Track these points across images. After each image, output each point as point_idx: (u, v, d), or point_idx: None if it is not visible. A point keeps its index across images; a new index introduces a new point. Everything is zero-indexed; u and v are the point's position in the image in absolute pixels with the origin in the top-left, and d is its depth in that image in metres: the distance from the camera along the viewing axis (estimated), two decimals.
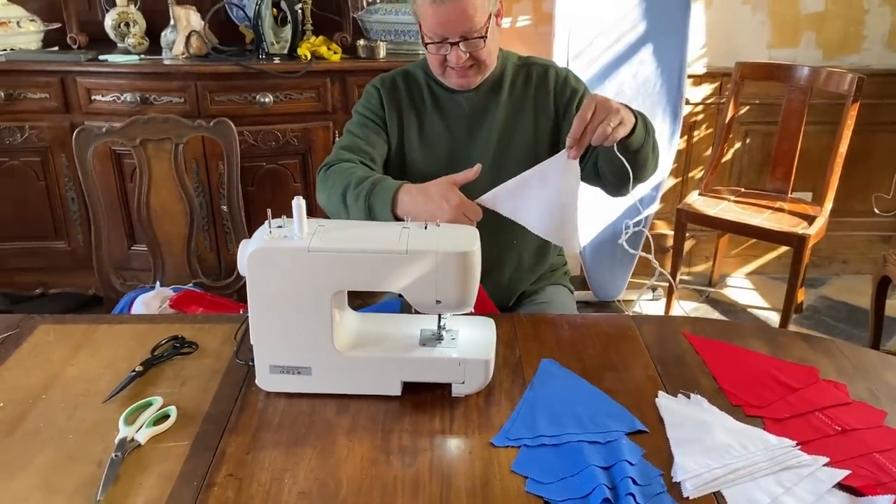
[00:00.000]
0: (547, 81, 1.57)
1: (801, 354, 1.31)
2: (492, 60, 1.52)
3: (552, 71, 1.58)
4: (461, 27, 1.42)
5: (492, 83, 1.56)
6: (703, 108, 3.07)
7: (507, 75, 1.58)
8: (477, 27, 1.43)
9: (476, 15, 1.42)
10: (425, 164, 1.57)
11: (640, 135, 1.38)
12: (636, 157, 1.41)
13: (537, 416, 1.13)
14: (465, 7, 1.40)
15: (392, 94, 1.58)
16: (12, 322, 1.40)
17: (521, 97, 1.57)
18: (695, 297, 3.14)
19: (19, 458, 1.05)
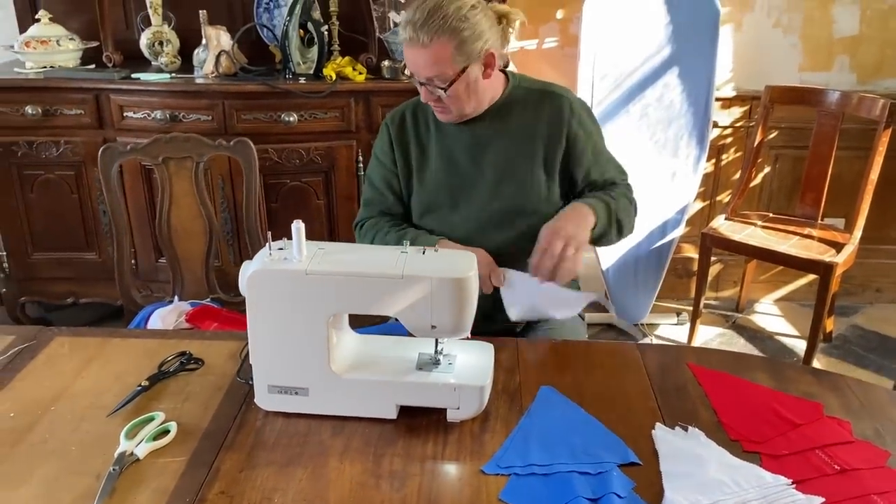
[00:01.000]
0: (562, 113, 1.55)
1: (807, 389, 1.28)
2: (464, 108, 1.51)
3: (567, 104, 1.57)
4: (426, 72, 1.46)
5: (496, 111, 1.57)
6: (731, 132, 3.03)
7: (515, 102, 1.58)
8: (442, 77, 1.45)
9: (437, 66, 1.44)
10: (429, 191, 1.59)
11: (600, 229, 1.48)
12: (597, 242, 1.53)
13: (530, 444, 1.13)
14: (428, 57, 1.43)
15: (400, 131, 1.62)
16: (30, 333, 1.45)
17: (531, 125, 1.56)
18: (720, 322, 3.09)
19: (23, 468, 1.08)
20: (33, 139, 2.57)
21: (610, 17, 2.72)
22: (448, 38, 1.41)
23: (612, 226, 1.52)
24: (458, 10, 1.41)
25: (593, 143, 1.59)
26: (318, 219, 2.59)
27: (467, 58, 1.45)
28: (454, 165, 1.58)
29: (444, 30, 1.41)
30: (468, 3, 1.44)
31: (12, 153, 2.59)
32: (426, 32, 1.41)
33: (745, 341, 2.94)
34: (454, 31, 1.41)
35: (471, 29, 1.43)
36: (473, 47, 1.45)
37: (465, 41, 1.43)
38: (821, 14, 2.87)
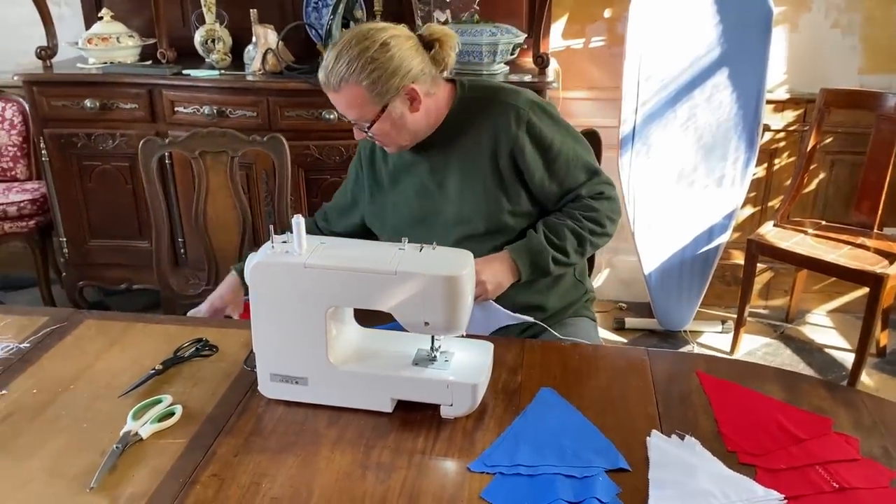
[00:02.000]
0: (507, 124, 1.48)
1: (818, 403, 1.24)
2: (395, 141, 1.49)
3: (512, 112, 1.49)
4: (347, 114, 1.47)
5: (443, 132, 1.53)
6: (784, 136, 2.93)
7: (464, 116, 1.52)
8: (362, 119, 1.45)
9: (356, 109, 1.43)
10: (400, 214, 1.59)
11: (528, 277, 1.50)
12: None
13: (520, 444, 1.13)
14: (342, 101, 1.44)
15: (370, 157, 1.64)
16: (63, 315, 1.53)
17: (475, 141, 1.51)
18: (768, 332, 3.00)
19: (35, 441, 1.15)
20: (92, 131, 2.70)
21: (657, 16, 2.67)
22: (356, 80, 1.39)
23: (547, 275, 1.53)
24: (363, 53, 1.38)
25: (546, 152, 1.50)
26: None
27: (384, 96, 1.41)
28: (423, 190, 1.57)
29: (352, 73, 1.39)
30: (377, 42, 1.39)
31: (72, 144, 2.73)
32: (335, 77, 1.40)
33: (791, 352, 2.84)
34: (361, 73, 1.38)
35: (381, 69, 1.39)
36: (388, 85, 1.40)
37: (377, 81, 1.39)
38: (882, 14, 2.75)
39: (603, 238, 1.56)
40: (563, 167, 1.52)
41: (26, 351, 1.40)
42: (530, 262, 1.49)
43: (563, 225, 1.51)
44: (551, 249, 1.50)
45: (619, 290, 3.23)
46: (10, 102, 3.18)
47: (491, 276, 1.46)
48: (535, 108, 1.52)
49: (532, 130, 1.49)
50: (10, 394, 1.27)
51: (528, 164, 1.49)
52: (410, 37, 1.45)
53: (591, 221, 1.53)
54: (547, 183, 1.52)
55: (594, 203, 1.53)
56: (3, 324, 1.50)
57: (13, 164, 3.23)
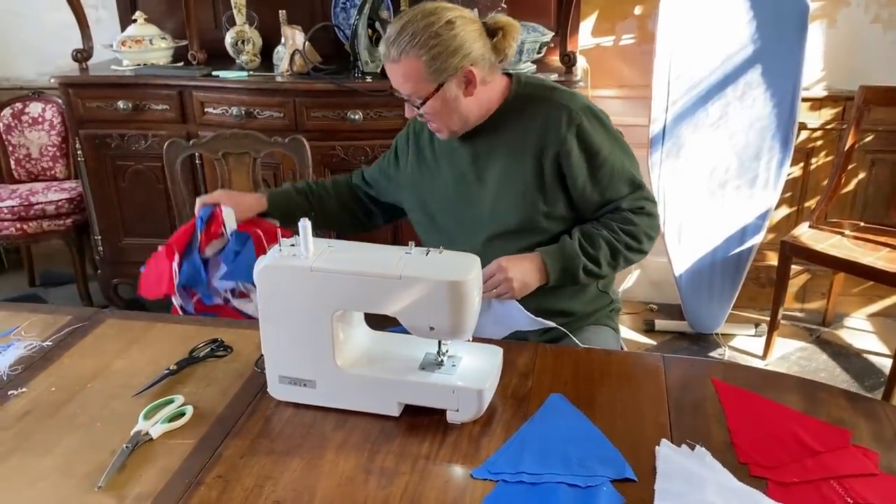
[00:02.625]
0: (558, 124, 1.47)
1: (838, 414, 1.20)
2: (445, 123, 1.49)
3: (565, 113, 1.48)
4: (402, 88, 1.46)
5: (491, 123, 1.52)
6: (821, 134, 2.85)
7: (512, 112, 1.52)
8: (416, 94, 1.45)
9: (412, 83, 1.43)
10: (435, 197, 1.60)
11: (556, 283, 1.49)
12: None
13: (525, 451, 1.11)
14: (399, 73, 1.44)
15: (419, 133, 1.64)
16: (86, 314, 1.57)
17: (523, 136, 1.50)
18: (803, 336, 2.92)
19: (50, 439, 1.17)
20: (125, 132, 2.76)
21: (688, 13, 2.62)
22: (416, 53, 1.40)
23: (576, 283, 1.52)
24: (428, 27, 1.39)
25: (593, 158, 1.48)
26: None
27: (441, 74, 1.42)
28: (462, 180, 1.57)
29: (413, 46, 1.39)
30: (443, 19, 1.40)
31: (106, 145, 2.79)
32: (396, 48, 1.41)
33: (826, 357, 2.76)
34: (423, 47, 1.39)
35: (442, 45, 1.39)
36: (447, 64, 1.41)
37: (437, 57, 1.40)
38: None
39: (638, 254, 1.54)
40: (607, 176, 1.50)
41: (48, 349, 1.43)
42: (561, 267, 1.48)
43: (599, 235, 1.49)
44: (584, 258, 1.48)
45: (650, 291, 3.18)
46: (50, 104, 3.27)
47: (519, 274, 1.44)
48: (588, 113, 1.51)
49: (582, 135, 1.48)
50: (29, 391, 1.30)
51: (573, 168, 1.48)
52: (475, 21, 1.46)
53: (629, 235, 1.50)
54: (588, 190, 1.50)
55: (634, 217, 1.51)
56: (29, 322, 1.54)
57: (52, 163, 3.32)
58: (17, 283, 3.60)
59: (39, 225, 3.07)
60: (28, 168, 3.33)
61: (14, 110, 3.28)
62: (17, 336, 1.48)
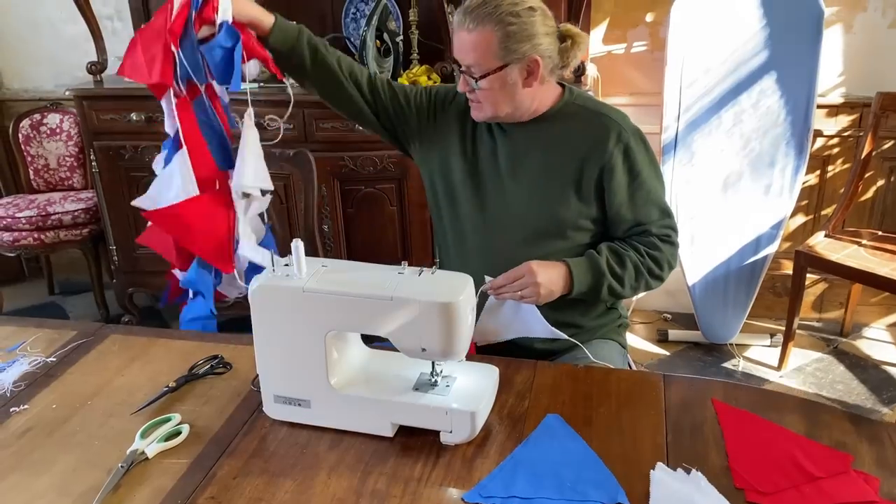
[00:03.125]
0: (607, 139, 1.48)
1: (840, 438, 1.17)
2: (494, 108, 1.48)
3: (615, 129, 1.49)
4: (466, 58, 1.45)
5: (539, 122, 1.52)
6: (838, 142, 2.80)
7: (565, 118, 1.52)
8: (477, 65, 1.43)
9: (479, 54, 1.42)
10: (465, 184, 1.58)
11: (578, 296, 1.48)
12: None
13: (518, 474, 1.10)
14: (471, 42, 1.42)
15: (465, 108, 1.57)
16: (90, 330, 1.58)
17: (570, 142, 1.51)
18: (820, 346, 2.87)
19: (49, 457, 1.19)
20: (138, 144, 2.79)
21: (700, 19, 2.59)
22: (493, 27, 1.39)
23: (596, 299, 1.53)
24: (512, 6, 1.40)
25: (633, 178, 1.50)
26: (391, 225, 2.65)
27: (509, 54, 1.42)
28: (494, 169, 1.56)
29: (492, 18, 1.39)
30: (527, 3, 1.41)
31: (120, 156, 2.83)
32: (474, 18, 1.41)
33: (844, 368, 2.71)
34: (501, 22, 1.39)
35: (520, 26, 1.40)
36: (518, 46, 1.41)
37: (511, 36, 1.40)
38: None
39: (656, 282, 1.54)
40: (643, 199, 1.52)
41: (52, 365, 1.45)
42: (590, 282, 1.48)
43: (627, 256, 1.50)
44: (611, 277, 1.48)
45: (664, 300, 3.15)
46: (67, 115, 3.31)
47: (546, 280, 1.43)
48: (636, 135, 1.52)
49: (628, 154, 1.49)
50: (31, 408, 1.32)
51: (614, 185, 1.49)
52: (552, 19, 1.47)
53: (653, 261, 1.51)
54: (624, 209, 1.51)
55: (660, 244, 1.53)
56: (35, 337, 1.56)
57: (70, 173, 3.37)
58: (38, 291, 3.66)
59: (56, 235, 3.12)
60: (46, 178, 3.38)
61: (33, 121, 3.33)
62: (22, 351, 1.50)
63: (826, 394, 2.57)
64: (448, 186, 1.60)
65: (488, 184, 1.56)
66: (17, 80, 3.55)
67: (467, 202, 1.58)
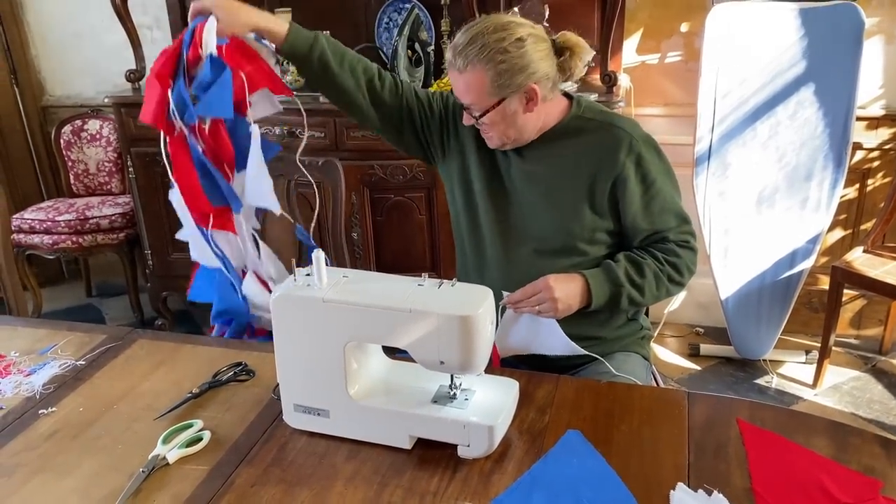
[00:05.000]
0: (618, 148, 1.47)
1: (869, 462, 1.14)
2: (501, 135, 1.47)
3: (626, 140, 1.48)
4: (463, 97, 1.45)
5: (548, 138, 1.51)
6: (879, 154, 2.73)
7: (573, 132, 1.51)
8: (477, 105, 1.43)
9: (474, 94, 1.42)
10: (479, 198, 1.57)
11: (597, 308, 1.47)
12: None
13: (535, 491, 1.09)
14: (463, 83, 1.42)
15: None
16: (120, 334, 1.61)
17: (580, 155, 1.49)
18: (858, 364, 2.80)
19: (74, 460, 1.21)
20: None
21: (736, 29, 2.55)
22: (483, 67, 1.39)
23: (616, 309, 1.51)
24: (498, 42, 1.38)
25: (648, 188, 1.48)
26: (420, 233, 2.65)
27: (504, 90, 1.41)
28: (506, 185, 1.55)
29: (481, 59, 1.38)
30: (514, 35, 1.39)
31: (156, 162, 2.87)
32: (463, 58, 1.40)
33: (882, 388, 2.64)
34: (490, 61, 1.38)
35: (510, 62, 1.39)
36: (512, 81, 1.40)
37: (502, 74, 1.39)
38: None
39: (676, 288, 1.52)
40: (659, 207, 1.50)
41: (81, 368, 1.48)
42: (607, 293, 1.46)
43: (645, 264, 1.48)
44: (629, 286, 1.47)
45: (697, 314, 3.10)
46: (107, 121, 3.39)
47: (564, 294, 1.42)
48: (648, 143, 1.51)
49: (640, 163, 1.48)
50: (59, 411, 1.34)
51: (628, 195, 1.48)
52: (545, 39, 1.45)
53: (672, 267, 1.50)
54: (640, 218, 1.50)
55: (679, 250, 1.51)
56: (66, 340, 1.59)
57: (109, 178, 3.44)
58: (76, 292, 3.75)
59: (94, 238, 3.19)
60: (86, 183, 3.46)
61: (74, 127, 3.42)
62: (53, 354, 1.54)
63: (863, 413, 2.50)
64: (467, 196, 1.60)
65: (505, 196, 1.56)
66: (59, 88, 3.64)
67: (486, 213, 1.57)
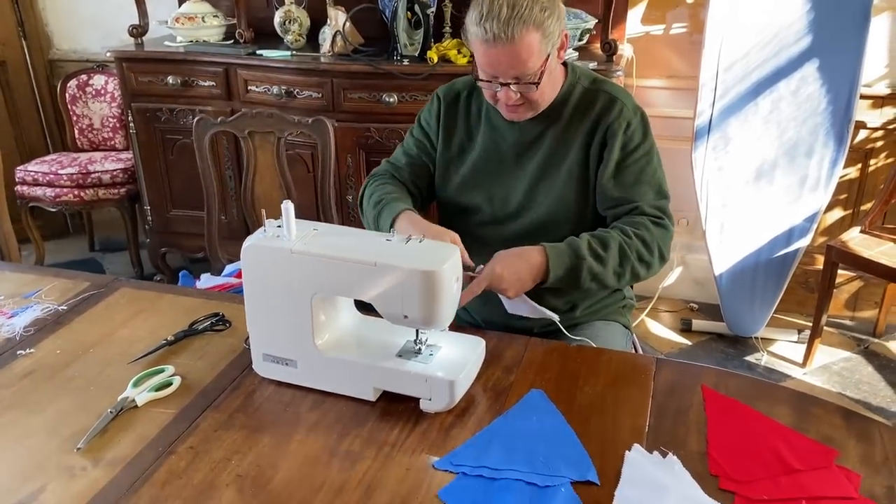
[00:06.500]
0: (608, 114, 1.45)
1: (828, 432, 1.14)
2: (545, 100, 1.45)
3: (618, 106, 1.45)
4: (513, 71, 1.35)
5: (551, 110, 1.48)
6: (883, 134, 2.69)
7: (571, 102, 1.48)
8: (530, 71, 1.35)
9: (530, 60, 1.34)
10: (465, 180, 1.56)
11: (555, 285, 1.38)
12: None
13: (492, 445, 1.11)
14: (518, 52, 1.32)
15: (451, 108, 1.57)
16: (103, 282, 1.63)
17: (576, 125, 1.48)
18: (850, 345, 2.78)
19: (46, 399, 1.23)
20: (174, 107, 2.85)
21: (742, 1, 2.50)
22: (535, 28, 1.31)
23: (577, 287, 1.40)
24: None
25: (627, 155, 1.45)
26: None
27: (549, 44, 1.36)
28: (497, 160, 1.53)
29: (533, 20, 1.30)
30: None
31: (157, 118, 2.89)
32: (514, 26, 1.29)
33: (872, 370, 2.63)
34: (539, 19, 1.31)
35: (552, 12, 1.33)
36: (554, 31, 1.34)
37: (547, 28, 1.33)
38: None
39: (645, 268, 1.44)
40: (634, 175, 1.46)
41: (62, 313, 1.50)
42: (567, 266, 1.37)
43: (610, 237, 1.41)
44: (591, 259, 1.38)
45: (693, 289, 3.09)
46: (112, 76, 3.39)
47: (508, 272, 1.34)
48: (638, 113, 1.49)
49: (628, 129, 1.45)
50: (37, 352, 1.37)
51: (610, 154, 1.45)
52: None
53: (641, 242, 1.41)
54: (610, 186, 1.45)
55: (651, 226, 1.43)
56: (51, 286, 1.61)
57: (112, 134, 3.46)
58: (79, 247, 3.78)
59: (95, 193, 3.21)
60: (90, 138, 3.48)
61: (79, 82, 3.43)
62: (37, 299, 1.56)
63: (850, 394, 2.50)
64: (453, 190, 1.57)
65: (493, 178, 1.54)
66: (66, 42, 3.65)
67: (473, 200, 1.55)
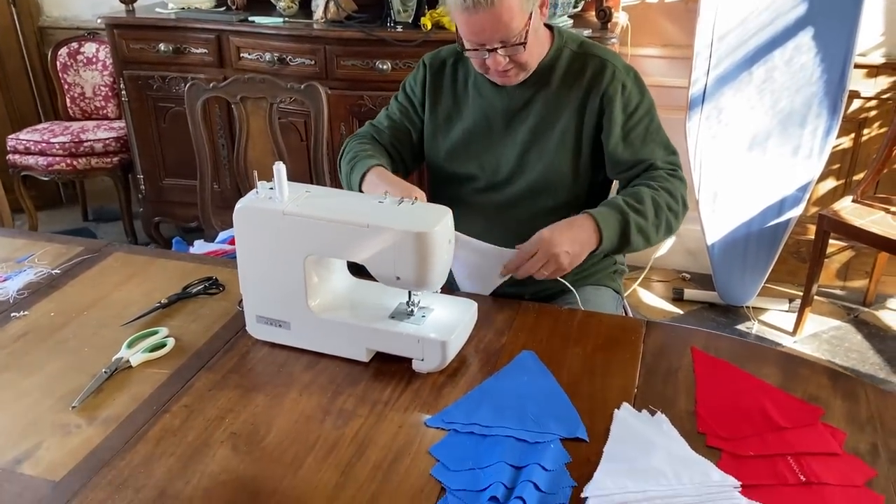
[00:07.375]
0: (601, 79, 1.45)
1: (814, 392, 1.16)
2: (535, 60, 1.44)
3: (610, 69, 1.45)
4: (497, 35, 1.34)
5: (540, 75, 1.47)
6: (876, 104, 2.69)
7: (560, 66, 1.48)
8: (514, 33, 1.34)
9: (513, 21, 1.33)
10: (454, 147, 1.55)
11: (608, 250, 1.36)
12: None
13: (483, 404, 1.12)
14: (499, 15, 1.31)
15: (437, 75, 1.57)
16: (96, 247, 1.63)
17: (567, 90, 1.47)
18: (840, 314, 2.81)
19: (40, 360, 1.24)
20: (166, 74, 2.83)
21: None
22: None
23: (627, 245, 1.37)
24: None
25: (630, 115, 1.45)
26: None
27: (532, 1, 1.34)
28: (487, 127, 1.52)
29: None
30: None
31: (148, 86, 2.87)
32: None
33: (861, 338, 2.66)
34: None
35: None
36: None
37: None
38: None
39: (674, 217, 1.42)
40: (641, 135, 1.46)
41: (56, 277, 1.51)
42: (618, 225, 1.34)
43: (641, 191, 1.39)
44: (633, 214, 1.35)
45: (685, 259, 3.11)
46: (103, 44, 3.36)
47: (568, 244, 1.29)
48: (630, 72, 1.49)
49: (624, 91, 1.45)
50: (31, 315, 1.38)
51: (611, 121, 1.45)
52: None
53: (668, 193, 1.41)
54: (621, 149, 1.45)
55: (669, 177, 1.44)
56: (44, 251, 1.61)
57: (105, 103, 3.43)
58: (73, 216, 3.77)
59: (88, 162, 3.20)
60: (82, 106, 3.45)
61: (70, 49, 3.39)
62: (30, 263, 1.56)
63: (839, 361, 2.53)
64: (442, 157, 1.57)
65: (483, 145, 1.53)
66: (56, 9, 3.60)
67: (462, 167, 1.55)
